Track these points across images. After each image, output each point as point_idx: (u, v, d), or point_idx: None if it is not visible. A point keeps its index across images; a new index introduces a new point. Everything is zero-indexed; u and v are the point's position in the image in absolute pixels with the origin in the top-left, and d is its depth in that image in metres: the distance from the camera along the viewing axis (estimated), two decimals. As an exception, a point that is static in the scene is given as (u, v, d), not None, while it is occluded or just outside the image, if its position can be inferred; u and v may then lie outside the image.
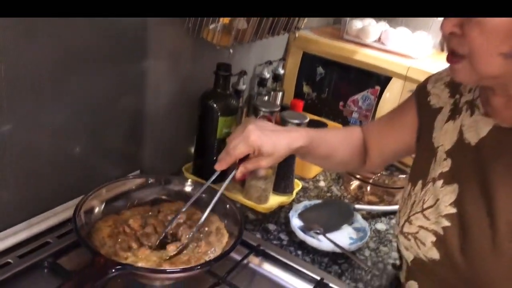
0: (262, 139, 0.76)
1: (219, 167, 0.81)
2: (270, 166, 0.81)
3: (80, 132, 0.92)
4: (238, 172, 0.81)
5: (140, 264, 0.78)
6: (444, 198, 0.73)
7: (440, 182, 0.75)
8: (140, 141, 1.08)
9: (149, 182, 0.97)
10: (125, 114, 1.02)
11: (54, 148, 0.88)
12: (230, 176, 0.82)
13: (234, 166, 0.81)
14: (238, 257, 0.90)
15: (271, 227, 1.06)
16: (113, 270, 0.70)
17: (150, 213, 0.92)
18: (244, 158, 0.80)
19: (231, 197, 1.11)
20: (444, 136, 0.78)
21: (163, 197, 0.98)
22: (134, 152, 1.08)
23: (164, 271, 0.76)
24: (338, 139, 0.92)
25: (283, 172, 1.15)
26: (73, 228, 0.77)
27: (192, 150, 1.20)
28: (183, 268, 0.77)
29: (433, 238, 0.73)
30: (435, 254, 0.73)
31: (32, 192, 0.87)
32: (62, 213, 0.89)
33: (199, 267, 0.78)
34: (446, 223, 0.72)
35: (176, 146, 1.19)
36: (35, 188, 0.87)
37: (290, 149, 0.81)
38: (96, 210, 0.87)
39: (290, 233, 1.02)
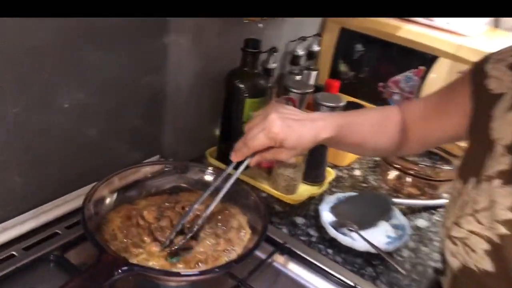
0: (285, 132, 0.67)
1: (235, 158, 0.73)
2: (289, 159, 0.71)
3: (95, 114, 0.85)
4: (253, 161, 0.73)
5: (151, 263, 0.71)
6: (502, 200, 0.62)
7: (497, 182, 0.64)
8: (160, 123, 1.00)
9: (167, 169, 0.90)
10: (144, 94, 0.94)
11: (67, 130, 0.81)
12: (244, 164, 0.74)
13: None
14: (261, 255, 0.82)
15: (299, 220, 0.97)
16: (120, 271, 0.63)
17: (166, 203, 0.84)
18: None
19: (256, 186, 1.03)
20: (505, 128, 0.66)
21: (183, 185, 0.90)
22: (154, 135, 1.00)
23: (176, 274, 0.68)
24: (371, 124, 0.80)
25: (314, 160, 1.06)
26: (81, 220, 0.71)
27: (217, 133, 1.12)
28: (198, 272, 0.69)
29: (487, 246, 0.62)
30: (488, 265, 0.62)
31: (42, 178, 0.80)
32: (73, 201, 0.82)
33: (217, 269, 0.70)
34: (504, 230, 0.61)
35: (199, 129, 1.11)
36: (44, 174, 0.80)
37: (316, 142, 0.71)
38: (108, 199, 0.80)
39: (320, 228, 0.93)
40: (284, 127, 0.67)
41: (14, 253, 0.73)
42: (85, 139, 0.86)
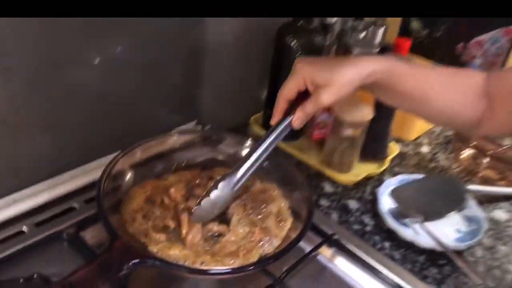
0: (312, 65, 0.58)
1: (273, 120, 0.62)
2: (334, 101, 0.57)
3: (128, 71, 0.74)
4: (295, 118, 0.60)
5: (172, 252, 0.60)
6: None
7: None
8: (199, 83, 0.88)
9: (201, 138, 0.79)
10: (183, 50, 0.82)
11: (96, 89, 0.71)
12: (284, 124, 0.61)
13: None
14: (303, 247, 0.70)
15: (353, 205, 0.83)
16: (130, 264, 0.53)
17: (198, 180, 0.73)
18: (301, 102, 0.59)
19: (303, 160, 0.89)
20: None
21: (218, 158, 0.78)
22: (192, 97, 0.89)
23: (199, 272, 0.58)
24: (442, 78, 0.61)
25: (375, 132, 0.91)
26: (96, 197, 0.61)
27: (264, 97, 0.98)
28: (227, 269, 0.58)
29: None
30: None
31: (62, 143, 0.71)
32: (95, 171, 0.73)
33: (250, 268, 0.58)
34: None
35: (244, 91, 0.98)
36: (66, 139, 0.72)
37: (359, 76, 0.56)
38: (132, 172, 0.71)
39: (377, 216, 0.80)
40: (311, 62, 0.59)
41: (24, 229, 0.65)
42: (116, 99, 0.75)
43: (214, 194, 0.63)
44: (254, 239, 0.64)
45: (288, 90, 0.59)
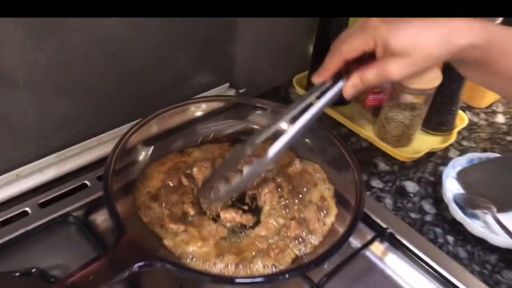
0: (389, 25, 0.43)
1: (317, 78, 0.48)
2: (406, 76, 0.44)
3: (148, 23, 0.62)
4: (350, 85, 0.47)
5: (191, 249, 0.51)
6: None
7: None
8: (231, 38, 0.74)
9: (233, 105, 0.67)
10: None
11: (111, 46, 0.60)
12: (335, 89, 0.48)
13: None
14: (353, 243, 0.59)
15: (411, 187, 0.70)
16: (135, 267, 0.44)
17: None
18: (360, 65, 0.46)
19: (354, 131, 0.77)
20: None
21: (255, 127, 0.67)
22: (223, 55, 0.76)
23: (220, 279, 0.48)
24: None
25: (442, 99, 0.76)
26: (103, 177, 0.52)
27: (310, 52, 0.84)
28: (256, 279, 0.48)
29: None
30: None
31: (71, 111, 0.62)
32: (109, 142, 0.63)
33: (285, 276, 0.48)
34: None
35: (285, 46, 0.83)
36: (75, 106, 0.62)
37: (448, 51, 0.42)
38: (149, 146, 0.61)
39: (440, 203, 0.67)
40: (389, 21, 0.43)
41: (27, 209, 0.57)
42: (135, 57, 0.64)
43: (245, 169, 0.51)
44: (289, 235, 0.54)
45: (350, 48, 0.45)
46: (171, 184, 0.57)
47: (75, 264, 0.43)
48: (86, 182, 0.61)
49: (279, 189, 0.58)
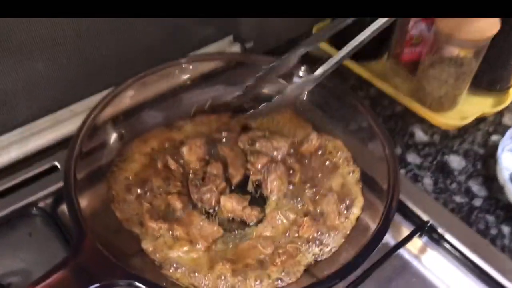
0: None
1: None
2: None
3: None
4: None
5: (175, 255, 0.40)
6: None
7: None
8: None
9: (235, 64, 0.54)
10: None
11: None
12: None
13: None
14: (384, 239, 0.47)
15: (456, 163, 0.58)
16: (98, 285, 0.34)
17: (225, 131, 0.50)
18: None
19: (387, 92, 0.63)
20: None
21: (262, 93, 0.54)
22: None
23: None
24: None
25: (497, 53, 0.61)
26: (65, 162, 0.42)
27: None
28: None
29: None
30: None
31: (38, 75, 0.51)
32: (84, 114, 0.51)
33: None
34: None
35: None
36: (43, 69, 0.50)
37: None
38: (128, 121, 0.49)
39: (492, 183, 0.54)
40: None
41: (-18, 200, 0.47)
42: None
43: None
44: (301, 235, 0.42)
45: None
46: (155, 169, 0.46)
47: (39, 269, 0.36)
48: (56, 163, 0.51)
49: (291, 171, 0.46)
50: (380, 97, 0.65)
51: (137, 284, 0.35)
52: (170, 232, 0.42)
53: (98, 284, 0.34)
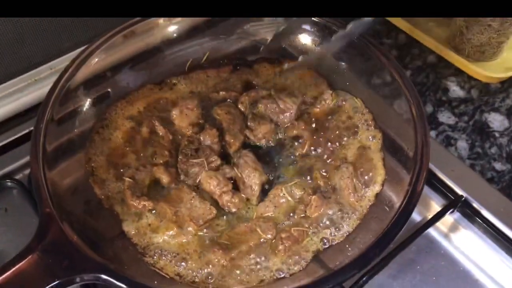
0: None
1: None
2: None
3: None
4: None
5: (161, 239, 0.35)
6: None
7: None
8: None
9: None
10: None
11: None
12: None
13: None
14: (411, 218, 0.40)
15: (496, 122, 0.51)
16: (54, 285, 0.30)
17: (222, 91, 0.43)
18: None
19: (418, 39, 0.57)
20: None
21: (268, 38, 0.48)
22: None
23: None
24: None
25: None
26: (32, 132, 0.36)
27: None
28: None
29: None
30: None
31: (14, 29, 0.44)
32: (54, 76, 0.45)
33: None
34: None
35: None
36: (20, 21, 0.44)
37: None
38: (111, 80, 0.42)
39: (540, 147, 0.47)
40: None
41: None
42: None
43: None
44: (309, 215, 0.36)
45: None
46: (140, 136, 0.40)
47: (15, 248, 0.33)
48: (30, 128, 0.45)
49: (300, 141, 0.39)
50: (409, 45, 0.57)
51: (104, 277, 0.30)
52: (155, 212, 0.36)
53: (59, 281, 0.29)
